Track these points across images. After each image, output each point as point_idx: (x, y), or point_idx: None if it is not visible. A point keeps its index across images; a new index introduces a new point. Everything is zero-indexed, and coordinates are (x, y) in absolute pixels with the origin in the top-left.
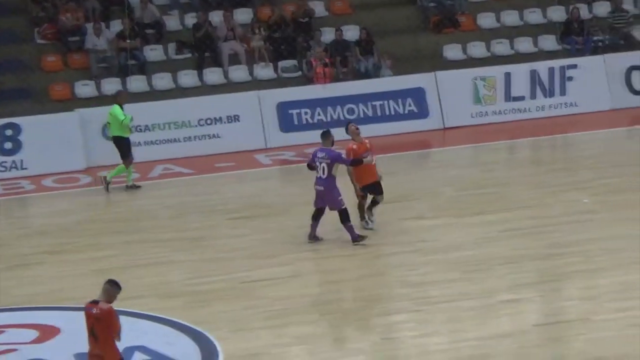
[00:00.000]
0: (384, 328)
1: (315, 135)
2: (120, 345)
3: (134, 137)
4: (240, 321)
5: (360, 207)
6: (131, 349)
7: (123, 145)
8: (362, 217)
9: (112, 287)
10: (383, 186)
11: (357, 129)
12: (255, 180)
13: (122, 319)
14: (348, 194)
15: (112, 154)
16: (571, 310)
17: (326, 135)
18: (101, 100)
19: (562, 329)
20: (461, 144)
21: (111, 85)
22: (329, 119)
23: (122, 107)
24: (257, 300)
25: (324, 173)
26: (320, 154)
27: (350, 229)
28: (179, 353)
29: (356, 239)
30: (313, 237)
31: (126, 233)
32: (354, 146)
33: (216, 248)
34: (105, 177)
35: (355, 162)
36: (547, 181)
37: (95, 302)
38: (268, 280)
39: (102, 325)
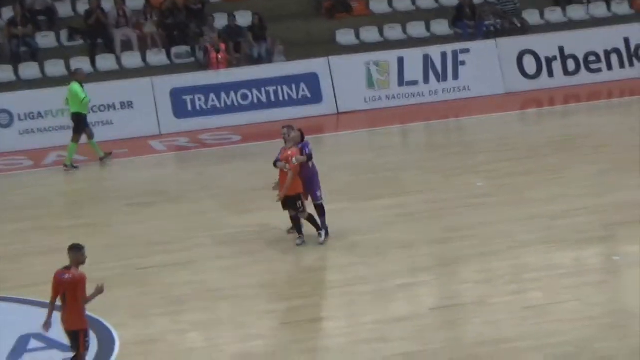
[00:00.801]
0: (282, 313)
1: (209, 121)
2: (15, 334)
3: (26, 124)
4: (136, 307)
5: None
6: (26, 337)
7: (80, 122)
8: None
9: (75, 251)
10: None
11: (288, 134)
12: (149, 167)
13: (17, 307)
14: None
15: (5, 142)
16: (467, 293)
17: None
18: None
19: (458, 312)
20: (355, 128)
21: (3, 73)
22: (222, 104)
23: (81, 85)
24: (154, 286)
25: None
26: None
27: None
28: None
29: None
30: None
31: (20, 221)
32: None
33: (112, 235)
34: (64, 165)
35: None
36: (442, 165)
37: (67, 268)
38: (164, 266)
39: (72, 290)
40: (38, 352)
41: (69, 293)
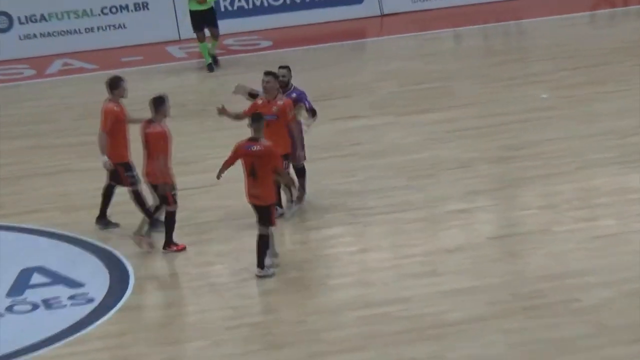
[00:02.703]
0: (318, 243)
1: (235, 24)
2: (16, 267)
3: (27, 28)
4: (153, 237)
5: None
6: (29, 271)
7: (191, 20)
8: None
9: (258, 121)
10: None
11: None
12: (167, 76)
13: (17, 237)
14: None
15: (4, 48)
16: (529, 220)
17: None
18: None
19: (519, 241)
20: (401, 32)
21: None
22: (250, 5)
23: None
24: None
25: None
26: None
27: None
28: (84, 274)
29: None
30: None
31: (22, 138)
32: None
33: None
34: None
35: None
36: (500, 74)
37: (253, 140)
38: (186, 189)
39: (263, 162)
40: (42, 288)
41: (260, 166)
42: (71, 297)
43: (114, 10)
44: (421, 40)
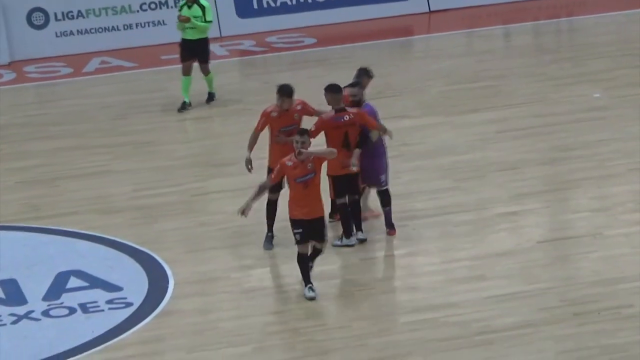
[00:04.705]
0: (362, 247)
1: (279, 21)
2: (53, 270)
3: (64, 25)
4: (193, 240)
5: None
6: (66, 274)
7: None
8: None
9: (333, 92)
10: None
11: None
12: None
13: (54, 239)
14: None
15: (40, 45)
16: (580, 224)
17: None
18: None
19: (570, 245)
20: (450, 29)
21: None
22: (294, 1)
23: (186, 4)
24: (213, 215)
25: None
26: None
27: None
28: (122, 278)
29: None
30: None
31: (58, 138)
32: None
33: (163, 155)
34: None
35: None
36: (552, 73)
37: (340, 111)
38: (224, 191)
39: (356, 130)
40: (79, 292)
41: (352, 134)
42: (109, 301)
43: (153, 6)
44: (470, 37)
